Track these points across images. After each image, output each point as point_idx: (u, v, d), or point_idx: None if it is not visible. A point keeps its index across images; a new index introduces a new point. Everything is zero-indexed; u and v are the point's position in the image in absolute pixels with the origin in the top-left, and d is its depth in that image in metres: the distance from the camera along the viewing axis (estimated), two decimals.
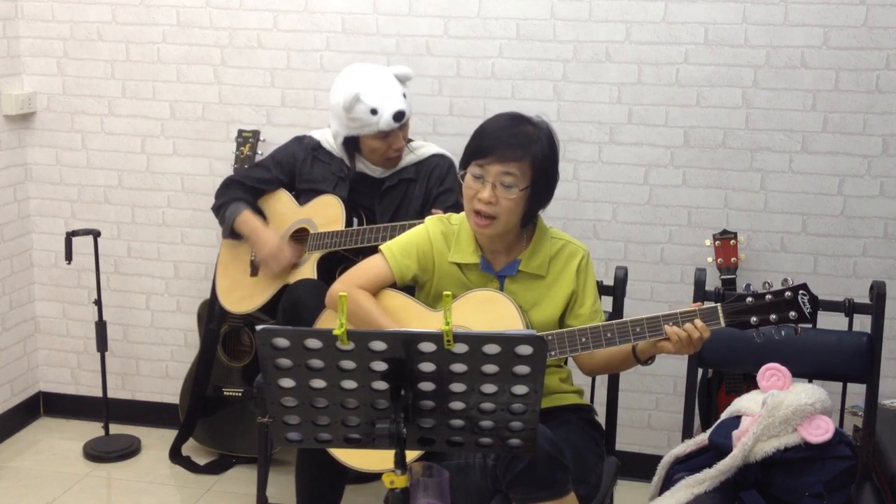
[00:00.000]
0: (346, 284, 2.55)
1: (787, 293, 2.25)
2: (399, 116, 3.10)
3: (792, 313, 2.24)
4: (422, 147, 3.30)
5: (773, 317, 2.25)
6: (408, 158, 3.25)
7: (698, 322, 2.27)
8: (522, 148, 2.38)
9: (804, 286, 2.25)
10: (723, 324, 2.27)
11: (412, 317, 2.52)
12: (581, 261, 2.53)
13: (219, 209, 3.37)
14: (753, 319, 2.26)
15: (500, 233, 2.45)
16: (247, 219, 3.28)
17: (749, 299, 2.26)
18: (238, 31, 3.70)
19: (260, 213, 3.35)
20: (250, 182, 3.36)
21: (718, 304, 2.28)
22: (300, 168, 3.31)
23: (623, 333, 2.32)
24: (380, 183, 3.25)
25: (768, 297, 2.26)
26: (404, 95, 3.15)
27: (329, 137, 3.29)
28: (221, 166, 3.77)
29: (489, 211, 2.40)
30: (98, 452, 3.76)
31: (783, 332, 2.26)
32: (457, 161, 2.54)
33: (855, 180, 3.38)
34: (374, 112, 3.07)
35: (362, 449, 1.95)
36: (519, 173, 2.38)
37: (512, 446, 1.91)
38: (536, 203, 2.46)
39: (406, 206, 3.23)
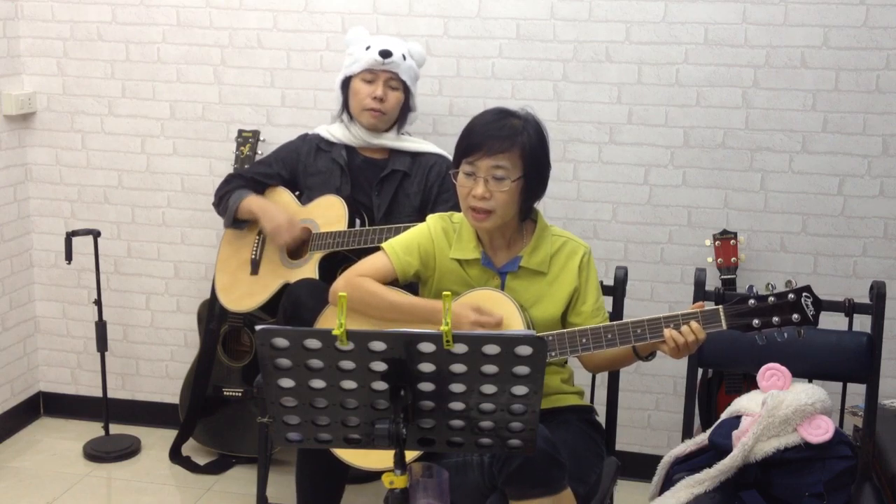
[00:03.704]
0: (349, 278, 2.56)
1: (791, 295, 2.24)
2: (385, 54, 3.18)
3: (795, 316, 2.23)
4: (419, 142, 3.32)
5: (775, 319, 2.24)
6: (402, 144, 3.29)
7: (693, 324, 2.26)
8: (509, 139, 2.40)
9: (808, 288, 2.24)
10: (724, 326, 2.26)
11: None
12: (583, 258, 2.53)
13: (220, 200, 3.37)
14: (756, 322, 2.25)
15: (497, 225, 2.46)
16: (254, 199, 3.29)
17: (751, 301, 2.25)
18: (238, 31, 3.71)
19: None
20: (250, 175, 3.38)
21: (720, 307, 2.27)
22: (305, 161, 3.33)
23: (624, 335, 2.32)
24: (378, 171, 3.27)
25: (771, 299, 2.24)
26: (404, 57, 3.22)
27: (329, 129, 3.33)
28: (221, 166, 3.77)
29: (484, 206, 2.41)
30: (98, 452, 3.77)
31: (786, 335, 2.26)
32: None
33: (855, 180, 3.38)
34: (367, 48, 3.22)
35: (362, 449, 1.95)
36: (509, 165, 2.39)
37: (512, 447, 1.91)
38: (531, 194, 2.47)
39: (403, 199, 3.25)
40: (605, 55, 3.45)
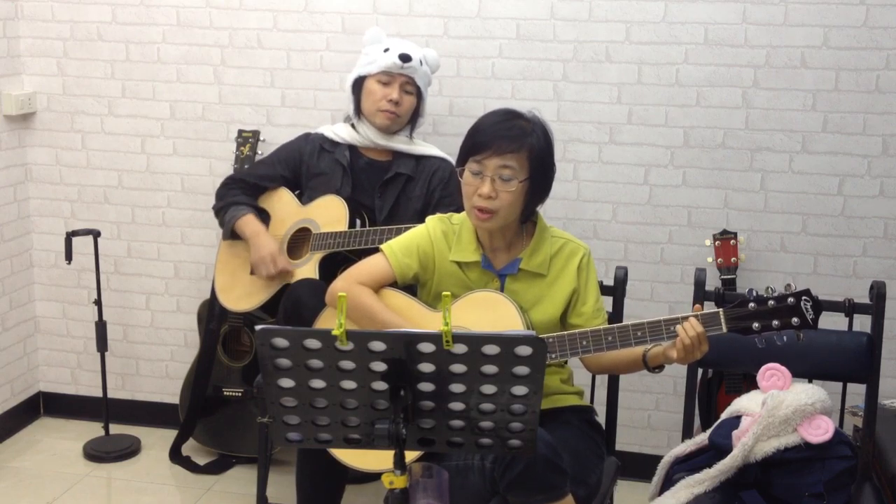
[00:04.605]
0: (347, 282, 2.55)
1: (790, 299, 2.23)
2: (405, 58, 3.18)
3: (794, 319, 2.23)
4: (424, 146, 3.32)
5: (775, 322, 2.23)
6: (407, 146, 3.29)
7: (692, 320, 2.26)
8: (518, 140, 2.40)
9: (807, 292, 2.23)
10: (724, 329, 2.26)
11: (413, 317, 2.52)
12: (582, 259, 2.53)
13: (219, 211, 3.37)
14: (755, 325, 2.24)
15: (500, 226, 2.46)
16: (249, 221, 3.29)
17: (751, 304, 2.24)
18: (238, 31, 3.70)
19: (262, 213, 3.35)
20: (252, 179, 3.37)
21: (720, 310, 2.27)
22: (308, 162, 3.32)
23: (624, 337, 2.32)
24: (381, 173, 3.26)
25: (771, 302, 2.24)
26: (421, 62, 3.23)
27: (333, 128, 3.33)
28: (221, 166, 3.77)
29: (489, 206, 2.41)
30: (98, 452, 3.77)
31: (785, 338, 2.25)
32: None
33: (855, 180, 3.38)
34: (385, 50, 3.21)
35: (362, 449, 1.95)
36: (517, 165, 2.39)
37: (512, 447, 1.91)
38: (535, 196, 2.47)
39: (405, 202, 3.25)
40: (605, 55, 3.45)
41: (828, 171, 3.39)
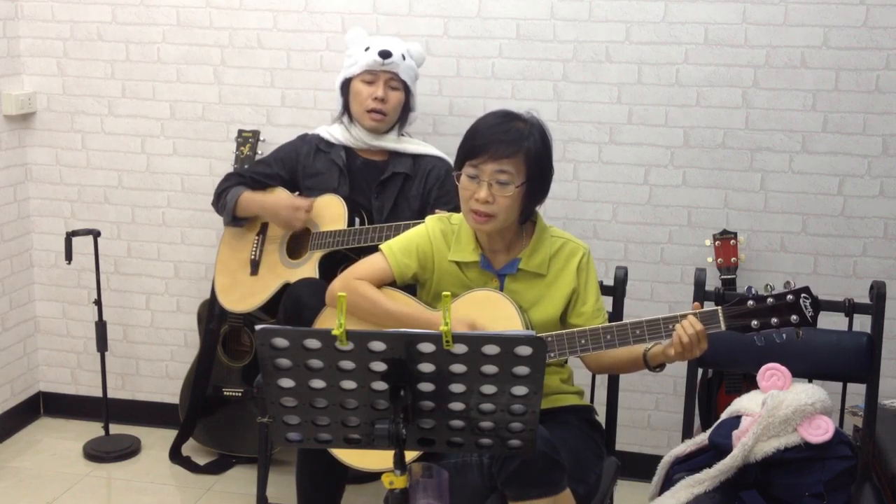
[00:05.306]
0: (346, 280, 2.55)
1: (789, 296, 2.23)
2: (385, 54, 3.17)
3: (793, 317, 2.23)
4: (420, 144, 3.32)
5: (774, 320, 2.23)
6: (403, 146, 3.28)
7: (690, 318, 2.26)
8: (515, 144, 2.38)
9: (806, 289, 2.23)
10: (723, 327, 2.26)
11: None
12: (581, 259, 2.53)
13: (218, 199, 3.36)
14: (754, 323, 2.24)
15: (498, 229, 2.46)
16: (249, 196, 3.29)
17: (750, 302, 2.24)
18: (238, 31, 3.71)
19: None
20: (250, 174, 3.37)
21: (719, 308, 2.27)
22: (304, 162, 3.33)
23: (623, 336, 2.31)
24: (378, 174, 3.26)
25: (770, 300, 2.24)
26: (403, 57, 3.22)
27: (329, 129, 3.33)
28: (221, 166, 3.77)
29: (487, 210, 2.40)
30: (98, 452, 3.77)
31: (784, 336, 2.25)
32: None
33: (855, 180, 3.38)
34: (366, 49, 3.21)
35: (362, 449, 1.95)
36: (513, 170, 2.38)
37: (512, 447, 1.91)
38: (533, 199, 2.47)
39: (403, 202, 3.25)
40: (605, 55, 3.45)
41: (828, 171, 3.39)
